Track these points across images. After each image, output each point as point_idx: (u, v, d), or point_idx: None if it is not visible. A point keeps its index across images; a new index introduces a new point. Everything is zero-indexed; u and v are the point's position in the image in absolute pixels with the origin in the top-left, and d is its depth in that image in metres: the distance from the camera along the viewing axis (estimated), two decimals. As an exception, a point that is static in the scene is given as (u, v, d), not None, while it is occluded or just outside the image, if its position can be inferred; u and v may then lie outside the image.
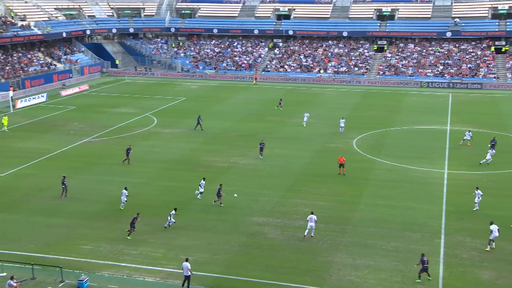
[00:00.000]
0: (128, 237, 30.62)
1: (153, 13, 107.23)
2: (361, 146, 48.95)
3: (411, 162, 43.87)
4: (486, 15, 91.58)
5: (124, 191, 34.72)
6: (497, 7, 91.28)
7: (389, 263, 27.82)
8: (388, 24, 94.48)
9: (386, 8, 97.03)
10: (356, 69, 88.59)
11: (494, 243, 29.08)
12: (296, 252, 29.10)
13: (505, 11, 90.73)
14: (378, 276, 26.55)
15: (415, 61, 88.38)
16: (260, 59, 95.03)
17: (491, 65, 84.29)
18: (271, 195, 36.66)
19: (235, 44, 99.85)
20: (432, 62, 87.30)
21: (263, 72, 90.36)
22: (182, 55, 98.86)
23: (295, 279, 26.44)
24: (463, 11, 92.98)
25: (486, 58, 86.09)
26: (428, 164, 43.17)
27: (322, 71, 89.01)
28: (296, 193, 37.27)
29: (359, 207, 35.03)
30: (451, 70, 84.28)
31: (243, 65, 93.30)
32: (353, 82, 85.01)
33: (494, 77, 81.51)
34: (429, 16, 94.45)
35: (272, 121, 59.74)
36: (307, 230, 30.76)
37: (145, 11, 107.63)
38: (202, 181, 36.60)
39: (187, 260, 25.73)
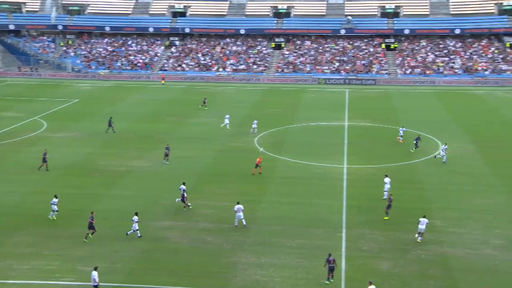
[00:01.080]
0: (86, 240, 30.16)
1: (36, 9, 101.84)
2: (263, 144, 49.87)
3: (312, 158, 45.39)
4: (376, 13, 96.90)
5: (55, 199, 32.93)
6: (385, 6, 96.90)
7: (293, 260, 28.62)
8: (284, 22, 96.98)
9: (282, 5, 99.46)
10: (255, 67, 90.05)
11: (420, 236, 30.32)
12: (200, 255, 29.08)
13: (392, 10, 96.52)
14: (283, 274, 27.22)
15: (312, 58, 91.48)
16: (156, 58, 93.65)
17: (383, 62, 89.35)
18: (173, 197, 36.33)
19: (129, 43, 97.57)
20: (328, 59, 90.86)
21: (160, 72, 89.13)
22: (72, 54, 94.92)
23: (201, 282, 26.43)
24: (355, 9, 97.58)
25: (378, 55, 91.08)
26: (328, 160, 44.91)
27: (221, 69, 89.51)
28: (199, 195, 37.20)
29: (262, 205, 35.68)
30: (346, 67, 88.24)
31: (138, 64, 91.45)
32: (252, 80, 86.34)
33: (386, 73, 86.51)
34: (324, 13, 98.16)
35: (171, 121, 59.16)
36: (236, 220, 32.09)
37: (26, 6, 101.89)
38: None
39: (95, 269, 25.03)
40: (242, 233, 31.65)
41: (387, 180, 36.82)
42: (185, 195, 34.74)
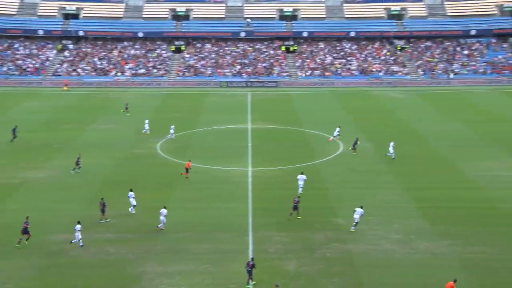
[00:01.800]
0: (18, 245, 29.37)
1: None
2: (166, 150, 49.35)
3: (216, 162, 45.57)
4: (275, 16, 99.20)
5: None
6: (283, 9, 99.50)
7: (201, 266, 28.58)
8: (184, 24, 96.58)
9: (181, 8, 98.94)
10: (155, 70, 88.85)
11: (353, 226, 32.31)
12: (104, 267, 28.23)
13: (290, 13, 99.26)
14: (191, 281, 27.10)
15: (213, 61, 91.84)
16: (48, 62, 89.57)
17: (284, 64, 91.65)
18: (73, 208, 34.94)
19: (16, 46, 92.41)
20: (230, 62, 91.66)
21: (53, 77, 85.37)
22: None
23: (105, 296, 25.69)
24: (254, 12, 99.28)
25: (278, 58, 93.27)
26: (233, 163, 45.30)
27: (119, 74, 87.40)
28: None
29: (167, 212, 35.25)
30: (248, 70, 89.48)
31: (28, 69, 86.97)
32: (153, 84, 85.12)
33: (287, 75, 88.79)
34: (223, 16, 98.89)
35: (68, 129, 56.90)
36: (162, 224, 32.22)
37: None
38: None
39: None
40: (147, 242, 31.12)
41: (301, 177, 38.39)
42: (104, 208, 33.80)
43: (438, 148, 49.36)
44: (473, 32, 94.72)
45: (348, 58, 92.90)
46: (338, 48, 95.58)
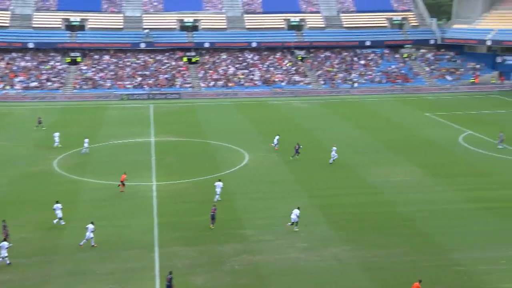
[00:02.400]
0: None
1: None
2: (63, 167, 47.49)
3: (119, 178, 44.45)
4: (175, 27, 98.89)
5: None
6: (183, 19, 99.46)
7: (105, 287, 27.72)
8: (79, 35, 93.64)
9: (75, 18, 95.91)
10: (50, 83, 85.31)
11: (292, 225, 34.35)
12: (-2, 297, 26.61)
13: (191, 24, 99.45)
14: (95, 304, 26.21)
15: (112, 73, 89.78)
16: None
17: (186, 75, 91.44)
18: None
19: None
20: (130, 73, 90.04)
21: None
22: None
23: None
24: (153, 22, 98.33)
25: (180, 69, 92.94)
26: (136, 178, 44.43)
27: (8, 87, 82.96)
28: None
29: (66, 232, 33.95)
30: (149, 81, 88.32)
31: None
32: (47, 98, 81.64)
33: (190, 87, 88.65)
34: (121, 27, 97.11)
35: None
36: (85, 240, 31.65)
37: None
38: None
39: None
40: (46, 265, 29.71)
41: (218, 184, 39.52)
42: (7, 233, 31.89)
43: (340, 155, 51.31)
44: (368, 43, 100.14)
45: (251, 69, 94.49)
46: (240, 58, 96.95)
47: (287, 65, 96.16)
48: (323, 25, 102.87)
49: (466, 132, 60.47)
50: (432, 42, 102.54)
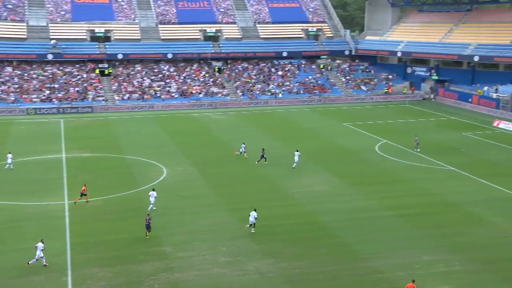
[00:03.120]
0: None
1: None
2: (-36, 188, 44.73)
3: (26, 198, 42.48)
4: (85, 37, 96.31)
5: None
6: (94, 30, 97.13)
7: (13, 316, 26.28)
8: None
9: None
10: None
11: (252, 226, 36.30)
12: None
13: (102, 34, 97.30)
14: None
15: (16, 86, 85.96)
16: None
17: (99, 88, 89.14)
18: None
19: None
20: (37, 86, 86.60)
21: None
22: None
23: None
24: (61, 32, 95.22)
25: (92, 81, 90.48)
26: (46, 197, 42.61)
27: None
28: None
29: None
30: (58, 95, 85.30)
31: None
32: None
33: (103, 100, 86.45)
34: (25, 37, 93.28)
35: None
36: (34, 260, 30.96)
37: None
38: None
39: None
40: None
41: (152, 193, 40.28)
42: None
43: (259, 167, 51.75)
44: (284, 54, 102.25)
45: (167, 80, 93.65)
46: (156, 70, 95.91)
47: (205, 76, 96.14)
48: (239, 36, 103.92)
49: (382, 141, 62.86)
50: (347, 53, 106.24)
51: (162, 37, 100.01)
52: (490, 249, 34.00)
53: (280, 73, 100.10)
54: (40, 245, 31.30)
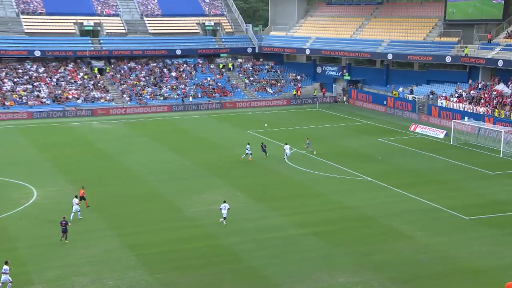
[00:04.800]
0: None
1: None
2: None
3: None
4: None
5: None
6: None
7: None
8: None
9: None
10: None
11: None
12: None
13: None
14: None
15: None
16: None
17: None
18: None
19: None
20: None
21: None
22: None
23: None
24: None
25: None
26: None
27: None
28: None
29: None
30: None
31: None
32: None
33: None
34: None
35: None
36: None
37: None
38: None
39: None
40: None
41: (75, 201, 42.57)
42: None
43: (152, 184, 50.96)
44: (178, 52, 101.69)
45: (36, 83, 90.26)
46: (20, 71, 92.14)
47: (83, 78, 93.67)
48: (124, 31, 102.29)
49: (291, 150, 64.03)
50: (249, 50, 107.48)
51: (26, 30, 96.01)
52: (411, 267, 35.34)
53: (173, 74, 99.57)
54: (5, 267, 31.32)
